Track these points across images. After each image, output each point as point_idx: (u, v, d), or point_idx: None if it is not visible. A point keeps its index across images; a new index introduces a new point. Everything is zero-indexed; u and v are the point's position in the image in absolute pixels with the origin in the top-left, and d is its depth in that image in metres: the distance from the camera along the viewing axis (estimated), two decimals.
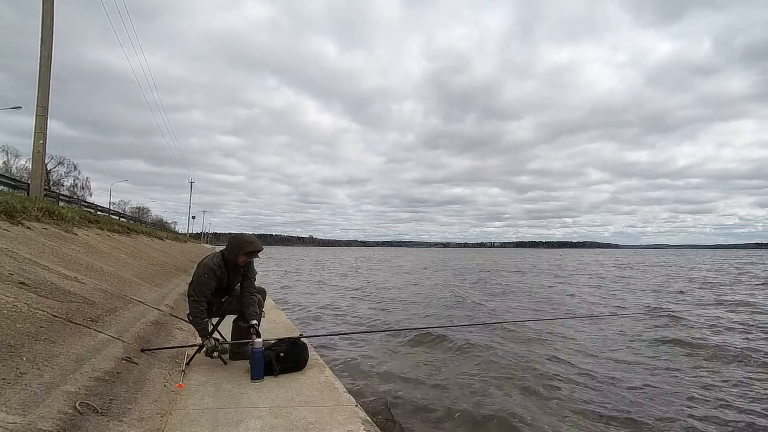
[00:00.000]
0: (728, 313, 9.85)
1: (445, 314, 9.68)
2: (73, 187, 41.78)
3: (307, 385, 2.99)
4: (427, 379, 4.93)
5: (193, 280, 3.39)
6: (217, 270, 3.35)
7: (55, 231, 6.44)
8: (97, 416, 1.95)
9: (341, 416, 2.46)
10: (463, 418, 3.84)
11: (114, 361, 2.68)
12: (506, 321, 8.49)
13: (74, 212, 9.73)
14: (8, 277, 3.07)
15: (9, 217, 5.38)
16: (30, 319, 2.54)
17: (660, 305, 11.29)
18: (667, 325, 8.34)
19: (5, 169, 33.31)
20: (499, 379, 4.94)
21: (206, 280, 3.31)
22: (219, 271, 3.36)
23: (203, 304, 3.32)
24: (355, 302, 11.93)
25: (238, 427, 2.26)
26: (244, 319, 3.52)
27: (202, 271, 3.33)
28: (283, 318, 6.01)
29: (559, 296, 13.49)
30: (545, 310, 10.54)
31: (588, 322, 8.70)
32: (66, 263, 4.67)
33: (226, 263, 3.43)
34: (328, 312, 10.01)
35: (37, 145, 9.53)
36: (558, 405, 4.20)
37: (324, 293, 14.20)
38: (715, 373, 5.33)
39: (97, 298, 3.86)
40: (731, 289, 15.22)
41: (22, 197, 8.64)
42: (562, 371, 5.24)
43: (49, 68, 9.52)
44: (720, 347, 6.42)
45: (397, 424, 3.46)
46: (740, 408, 4.14)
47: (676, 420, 3.83)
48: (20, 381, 1.89)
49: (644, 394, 4.51)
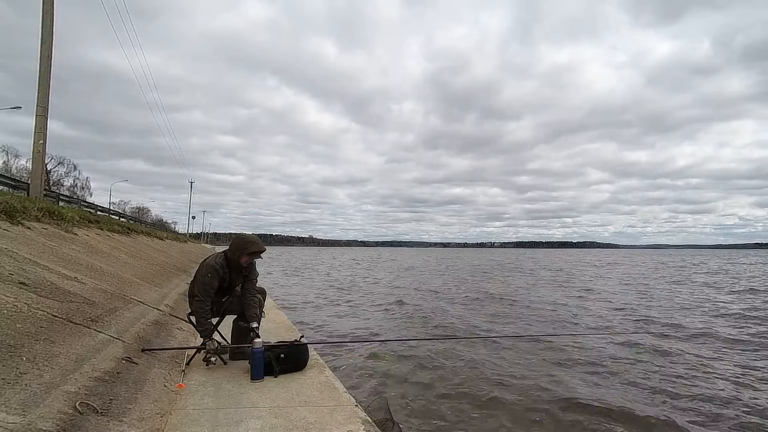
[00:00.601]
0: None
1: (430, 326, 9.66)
2: (73, 187, 41.81)
3: (307, 385, 2.99)
4: (427, 381, 4.93)
5: (197, 279, 3.40)
6: (220, 270, 3.37)
7: (55, 231, 6.44)
8: (97, 416, 1.95)
9: (341, 416, 2.46)
10: (463, 419, 3.84)
11: (114, 361, 2.68)
12: (523, 335, 8.47)
13: (74, 212, 9.73)
14: (8, 277, 3.07)
15: (9, 217, 5.38)
16: (30, 319, 2.54)
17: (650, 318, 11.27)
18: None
19: (5, 169, 33.31)
20: (499, 385, 4.95)
21: (210, 279, 3.34)
22: (222, 270, 3.39)
23: (207, 303, 3.33)
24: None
25: (238, 427, 2.26)
26: (244, 319, 3.52)
27: (206, 271, 3.35)
28: (283, 318, 6.01)
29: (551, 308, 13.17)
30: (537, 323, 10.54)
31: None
32: (66, 263, 4.67)
33: (228, 263, 3.45)
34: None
35: (37, 145, 9.53)
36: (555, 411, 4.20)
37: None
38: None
39: (97, 298, 3.86)
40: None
41: (22, 197, 8.63)
42: (561, 383, 5.25)
43: (49, 68, 9.52)
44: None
45: (396, 425, 3.46)
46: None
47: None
48: (20, 381, 1.89)
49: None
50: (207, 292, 3.32)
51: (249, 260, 3.51)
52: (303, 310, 10.59)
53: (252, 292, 3.60)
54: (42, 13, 9.49)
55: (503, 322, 9.14)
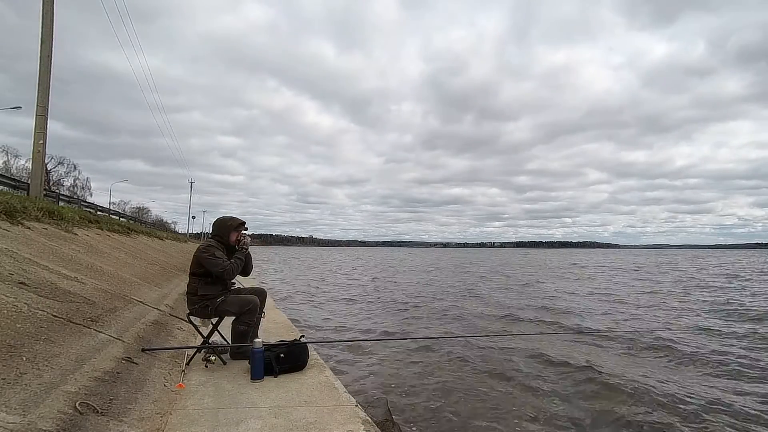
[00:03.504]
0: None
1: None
2: (73, 187, 41.79)
3: (307, 385, 2.99)
4: (427, 382, 4.93)
5: (206, 261, 3.44)
6: (218, 246, 3.55)
7: (55, 231, 6.45)
8: (97, 416, 1.95)
9: (341, 416, 2.46)
10: (463, 420, 3.85)
11: (114, 361, 2.68)
12: (518, 333, 8.48)
13: (74, 212, 9.74)
14: (8, 277, 3.07)
15: (9, 217, 5.38)
16: (30, 319, 2.54)
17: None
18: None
19: (5, 169, 33.29)
20: (500, 383, 4.95)
21: (218, 253, 3.49)
22: (219, 247, 3.55)
23: (227, 263, 3.47)
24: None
25: (238, 427, 2.26)
26: (242, 321, 3.53)
27: (207, 249, 3.47)
28: (283, 318, 6.02)
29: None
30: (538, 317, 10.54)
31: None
32: (66, 263, 4.67)
33: (224, 246, 3.62)
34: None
35: (37, 145, 9.53)
36: (554, 407, 4.20)
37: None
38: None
39: (97, 298, 3.86)
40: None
41: (22, 197, 8.63)
42: (554, 375, 5.25)
43: (49, 68, 9.52)
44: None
45: (396, 425, 3.46)
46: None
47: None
48: (20, 381, 1.89)
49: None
50: (223, 263, 3.45)
51: (238, 236, 3.69)
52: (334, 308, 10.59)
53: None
54: (42, 13, 9.50)
55: (503, 322, 9.15)
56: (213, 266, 3.43)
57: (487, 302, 12.04)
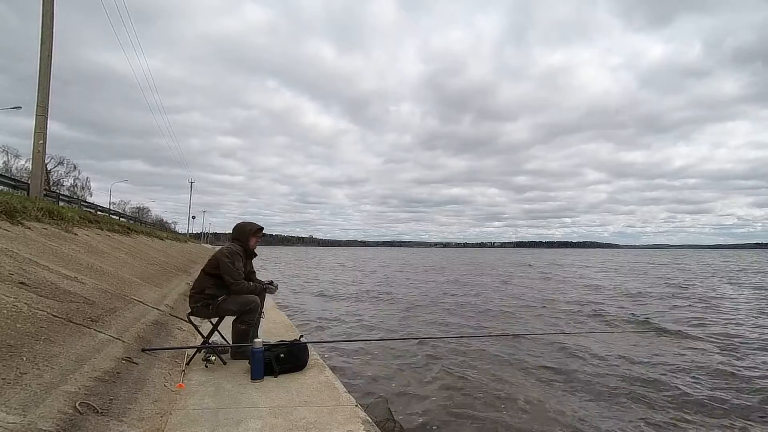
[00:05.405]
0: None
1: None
2: (73, 187, 41.78)
3: (307, 385, 2.99)
4: (427, 382, 4.93)
5: (224, 265, 3.48)
6: (241, 254, 3.62)
7: (55, 231, 6.44)
8: (97, 416, 1.95)
9: (341, 416, 2.46)
10: (463, 420, 3.84)
11: (114, 361, 2.68)
12: (517, 333, 8.48)
13: (74, 212, 9.73)
14: (8, 277, 3.07)
15: (9, 217, 5.38)
16: (30, 319, 2.54)
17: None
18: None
19: (5, 169, 33.29)
20: (501, 383, 4.94)
21: (237, 263, 3.54)
22: (241, 255, 3.62)
23: (243, 282, 3.54)
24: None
25: (238, 427, 2.26)
26: (243, 321, 3.53)
27: (231, 258, 3.51)
28: (283, 318, 6.02)
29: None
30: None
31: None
32: (66, 263, 4.67)
33: (244, 251, 3.69)
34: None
35: (37, 145, 9.53)
36: (558, 410, 4.20)
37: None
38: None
39: (97, 298, 3.86)
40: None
41: (22, 197, 8.63)
42: (563, 377, 5.25)
43: (49, 68, 9.52)
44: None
45: (397, 424, 3.46)
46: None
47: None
48: (20, 381, 1.89)
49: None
50: (240, 274, 3.53)
51: (257, 241, 3.79)
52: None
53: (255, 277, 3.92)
54: (42, 13, 9.49)
55: (507, 320, 9.15)
56: (228, 273, 3.48)
57: (491, 301, 12.08)
